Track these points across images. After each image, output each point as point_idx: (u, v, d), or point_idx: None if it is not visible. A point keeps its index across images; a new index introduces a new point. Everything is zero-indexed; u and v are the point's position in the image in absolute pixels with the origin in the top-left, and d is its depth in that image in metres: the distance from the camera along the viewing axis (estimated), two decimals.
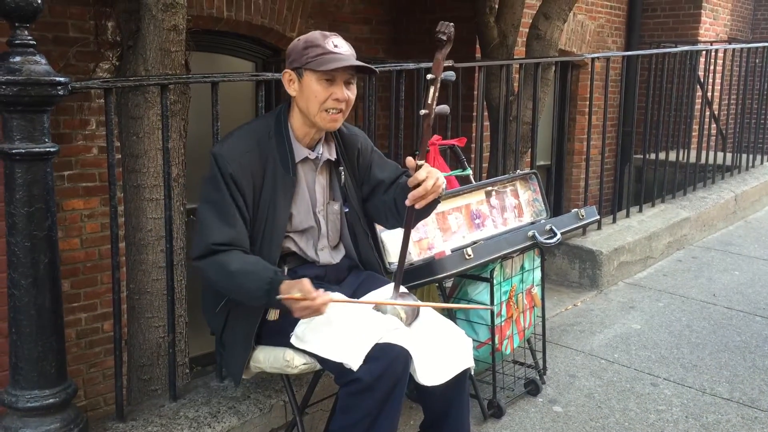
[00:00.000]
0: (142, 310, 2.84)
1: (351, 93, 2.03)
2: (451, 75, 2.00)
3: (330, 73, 1.96)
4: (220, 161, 1.98)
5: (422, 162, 1.93)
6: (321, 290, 1.86)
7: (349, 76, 2.01)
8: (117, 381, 2.30)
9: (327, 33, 2.01)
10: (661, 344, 3.49)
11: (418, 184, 1.91)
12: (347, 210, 2.19)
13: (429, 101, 1.92)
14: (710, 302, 4.07)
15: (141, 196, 2.77)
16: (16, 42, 1.88)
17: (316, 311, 1.86)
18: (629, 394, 2.98)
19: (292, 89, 2.03)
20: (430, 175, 1.92)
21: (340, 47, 1.98)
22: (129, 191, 2.80)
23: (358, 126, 3.23)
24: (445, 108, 1.99)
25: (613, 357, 3.34)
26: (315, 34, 2.00)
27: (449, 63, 3.40)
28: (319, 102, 1.98)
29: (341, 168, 2.17)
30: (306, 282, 1.85)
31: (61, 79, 1.91)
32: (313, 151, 2.10)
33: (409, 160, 1.94)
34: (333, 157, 2.15)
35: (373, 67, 2.07)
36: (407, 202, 1.95)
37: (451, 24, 1.90)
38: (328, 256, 2.17)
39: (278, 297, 1.85)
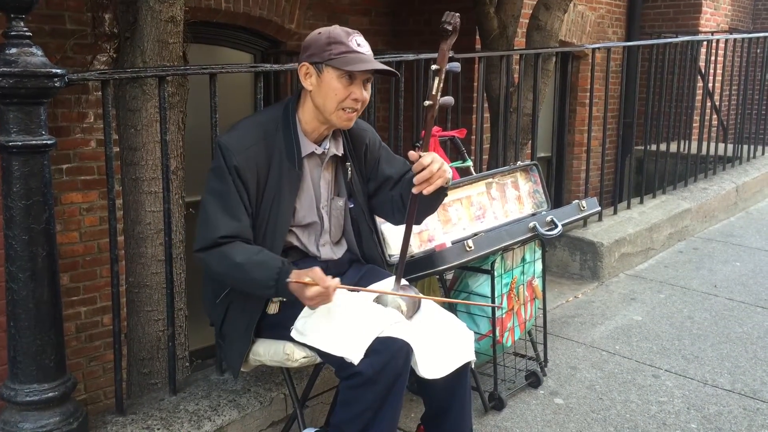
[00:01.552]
0: (141, 303, 2.83)
1: (367, 93, 2.01)
2: (456, 66, 1.98)
3: (353, 73, 1.94)
4: (226, 152, 1.96)
5: (425, 152, 1.92)
6: (330, 276, 1.85)
7: (368, 75, 1.99)
8: (116, 374, 2.29)
9: (349, 30, 1.99)
10: (662, 336, 3.48)
11: (423, 169, 1.89)
12: (352, 206, 2.17)
13: (433, 92, 1.90)
14: (711, 293, 4.06)
15: (139, 189, 2.75)
16: (12, 33, 1.86)
17: (327, 297, 1.84)
18: (630, 386, 2.98)
19: (308, 83, 2.00)
20: (435, 159, 1.91)
21: (363, 47, 1.97)
22: (127, 184, 2.79)
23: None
24: (449, 99, 1.97)
25: (615, 348, 3.34)
26: (338, 30, 1.98)
27: (449, 54, 3.37)
28: (338, 100, 1.96)
29: (348, 164, 2.15)
30: (317, 270, 1.85)
31: (58, 70, 1.89)
32: (319, 146, 2.09)
33: (412, 154, 1.93)
34: (340, 152, 2.13)
35: (396, 72, 2.06)
36: (414, 190, 1.93)
37: (457, 14, 1.88)
38: (329, 251, 2.16)
39: (288, 280, 1.84)
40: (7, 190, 1.91)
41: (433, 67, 1.90)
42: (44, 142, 1.91)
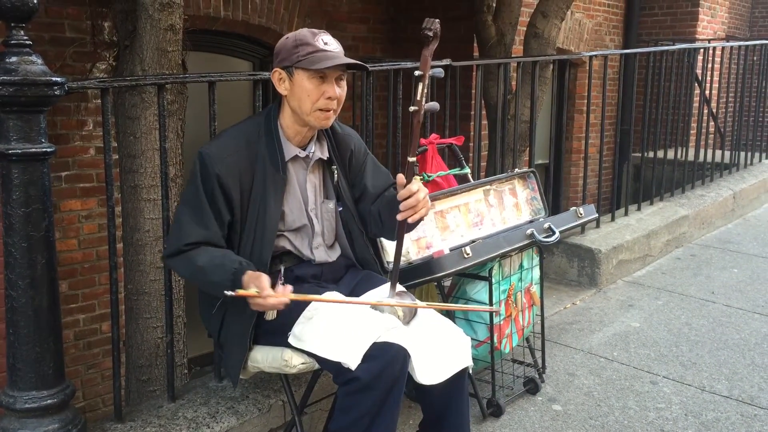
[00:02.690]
0: (140, 310, 2.83)
1: (342, 90, 2.03)
2: (439, 72, 2.00)
3: (322, 71, 1.96)
4: (207, 161, 1.98)
5: (412, 181, 1.92)
6: (279, 287, 1.85)
7: (340, 72, 2.01)
8: (115, 382, 2.29)
9: (315, 30, 2.01)
10: (660, 342, 3.49)
11: (410, 196, 1.91)
12: (341, 209, 2.19)
13: (418, 98, 1.93)
14: (709, 300, 4.07)
15: (138, 196, 2.76)
16: (12, 42, 1.87)
17: (271, 308, 1.87)
18: (628, 393, 2.98)
19: (282, 88, 2.03)
20: (422, 188, 1.93)
21: (330, 44, 1.98)
22: (126, 192, 2.80)
23: (356, 126, 3.21)
24: (434, 105, 1.99)
25: (612, 355, 3.34)
26: (304, 32, 2.00)
27: (446, 61, 3.39)
28: (312, 101, 1.98)
29: (334, 167, 2.16)
30: (263, 279, 1.85)
31: (58, 79, 1.90)
32: (304, 149, 2.10)
33: (400, 177, 1.93)
34: (325, 156, 2.15)
35: (364, 64, 2.07)
36: (399, 216, 1.94)
37: (437, 20, 1.91)
38: (323, 254, 2.17)
39: (229, 293, 1.83)
40: (7, 198, 1.91)
41: (416, 73, 1.93)
42: (44, 149, 1.92)
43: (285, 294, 1.85)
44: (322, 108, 1.99)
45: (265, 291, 1.82)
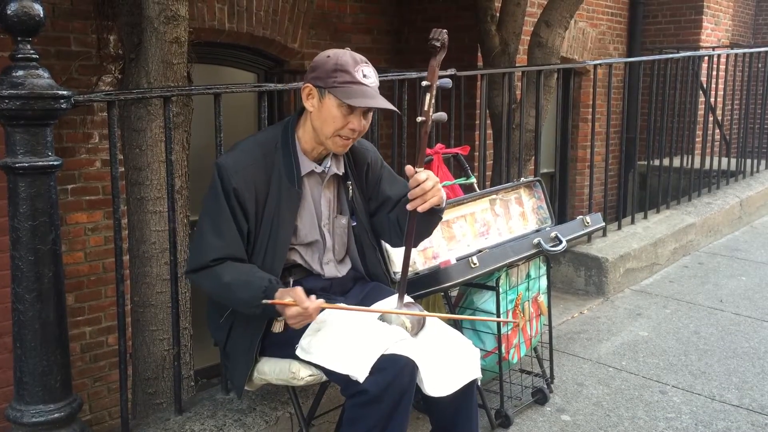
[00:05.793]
0: (146, 323, 2.83)
1: (367, 122, 2.01)
2: (446, 82, 2.00)
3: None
4: (223, 173, 1.97)
5: (421, 168, 1.93)
6: (313, 297, 1.86)
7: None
8: (122, 395, 2.29)
9: (357, 59, 1.97)
10: (668, 351, 3.47)
11: (417, 186, 1.91)
12: (355, 224, 2.18)
13: (426, 108, 1.92)
14: (717, 308, 4.05)
15: (144, 208, 2.76)
16: (19, 56, 1.88)
17: (308, 317, 1.86)
18: (638, 402, 2.96)
19: (309, 104, 2.00)
20: (430, 176, 1.92)
21: (369, 78, 1.95)
22: (132, 204, 2.80)
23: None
24: (442, 115, 1.98)
25: (621, 365, 3.32)
26: (346, 57, 1.95)
27: (451, 71, 3.39)
28: (335, 128, 1.97)
29: (349, 182, 2.15)
30: (298, 290, 1.86)
31: (64, 92, 1.91)
32: (320, 164, 2.09)
33: (408, 168, 1.94)
34: (341, 171, 2.14)
35: (397, 110, 2.08)
36: (408, 206, 1.94)
37: (444, 31, 1.90)
38: (333, 269, 2.16)
39: (265, 301, 1.85)
40: (14, 211, 1.92)
41: (424, 83, 1.92)
42: (50, 163, 1.93)
43: (318, 302, 1.85)
44: (342, 136, 1.98)
45: (304, 301, 1.83)
